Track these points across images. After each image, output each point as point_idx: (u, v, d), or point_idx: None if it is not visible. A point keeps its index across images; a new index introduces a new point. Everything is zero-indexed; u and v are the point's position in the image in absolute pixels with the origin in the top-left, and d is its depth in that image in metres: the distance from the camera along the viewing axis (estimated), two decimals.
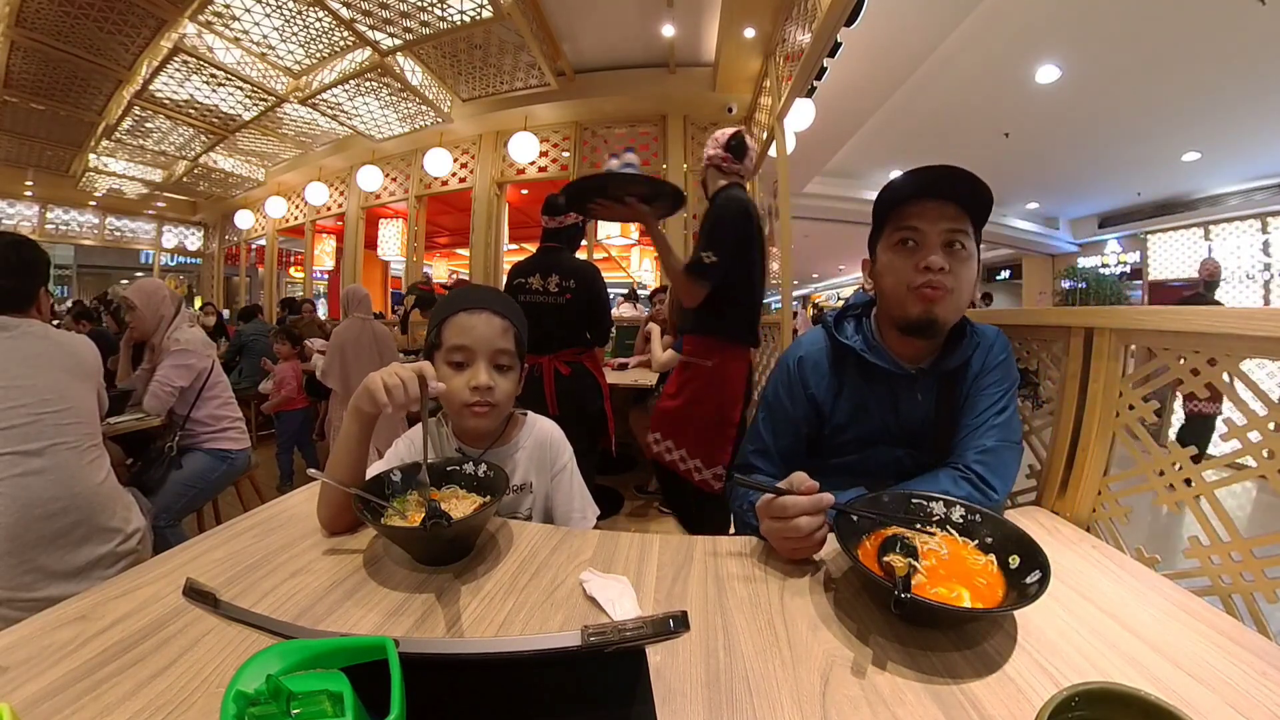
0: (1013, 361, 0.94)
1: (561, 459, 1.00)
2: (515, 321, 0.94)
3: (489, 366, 0.89)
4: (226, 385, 2.18)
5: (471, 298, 0.93)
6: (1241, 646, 0.53)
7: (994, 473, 0.84)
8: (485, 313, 0.90)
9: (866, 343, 0.93)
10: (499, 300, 0.94)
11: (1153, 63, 4.33)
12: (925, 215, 0.84)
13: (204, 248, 8.99)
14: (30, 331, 1.29)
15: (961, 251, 0.84)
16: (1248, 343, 0.71)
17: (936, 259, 0.82)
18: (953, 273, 0.83)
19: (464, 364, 0.89)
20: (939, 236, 0.83)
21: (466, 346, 0.88)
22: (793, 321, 3.50)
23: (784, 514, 0.67)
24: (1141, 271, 8.41)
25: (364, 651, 0.39)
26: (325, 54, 3.96)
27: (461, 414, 0.89)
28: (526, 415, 1.03)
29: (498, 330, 0.90)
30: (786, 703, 0.45)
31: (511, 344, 0.92)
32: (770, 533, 0.70)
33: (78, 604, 0.58)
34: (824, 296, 17.61)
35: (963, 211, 0.84)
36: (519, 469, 0.96)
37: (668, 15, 3.71)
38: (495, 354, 0.89)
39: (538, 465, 0.98)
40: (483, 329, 0.89)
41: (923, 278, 0.83)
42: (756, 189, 4.35)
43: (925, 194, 0.84)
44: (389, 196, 5.80)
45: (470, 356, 0.89)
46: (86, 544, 1.25)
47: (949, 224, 0.83)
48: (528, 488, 0.96)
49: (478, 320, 0.89)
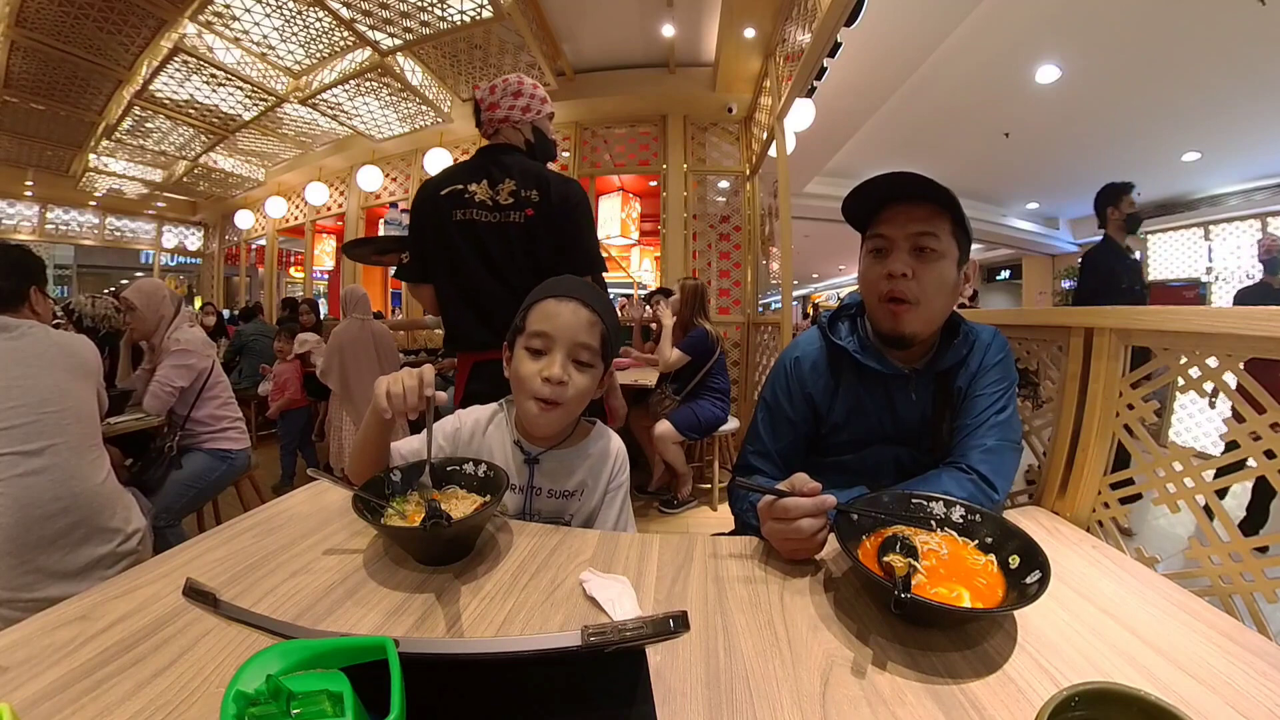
0: (1011, 361, 0.94)
1: (622, 476, 0.96)
2: (606, 319, 0.88)
3: (566, 358, 0.84)
4: (226, 385, 2.18)
5: (563, 286, 0.88)
6: (1241, 646, 0.53)
7: (997, 472, 0.84)
8: (573, 302, 0.85)
9: (860, 344, 0.93)
10: (591, 294, 0.88)
11: (1153, 63, 4.33)
12: (893, 220, 0.85)
13: (204, 248, 8.98)
14: (30, 332, 1.29)
15: (931, 254, 0.83)
16: (1248, 343, 0.71)
17: (898, 265, 0.83)
18: (918, 278, 0.83)
19: (542, 352, 0.84)
20: (907, 241, 0.83)
21: (546, 334, 0.84)
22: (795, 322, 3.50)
23: (786, 516, 0.66)
24: (1141, 271, 8.40)
25: (364, 651, 0.39)
26: (325, 54, 3.96)
27: (527, 406, 0.85)
28: (596, 424, 0.99)
29: (584, 322, 0.85)
30: (786, 703, 0.45)
31: (596, 340, 0.86)
32: (772, 534, 0.70)
33: (78, 604, 0.58)
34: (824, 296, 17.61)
35: (938, 210, 0.83)
36: (576, 475, 0.92)
37: (668, 15, 3.71)
38: (575, 347, 0.84)
39: (595, 475, 0.94)
40: (567, 317, 0.84)
41: (887, 285, 0.85)
42: (756, 189, 4.36)
43: (894, 198, 0.85)
44: (389, 196, 5.80)
45: (548, 345, 0.84)
46: (86, 544, 1.25)
47: (917, 227, 0.83)
48: (579, 494, 0.92)
49: (564, 309, 0.85)
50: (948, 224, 0.84)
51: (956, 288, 0.87)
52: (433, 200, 1.46)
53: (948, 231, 0.84)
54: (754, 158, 4.15)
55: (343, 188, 6.19)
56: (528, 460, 0.90)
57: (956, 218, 0.84)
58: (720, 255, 4.62)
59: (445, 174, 1.51)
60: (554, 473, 0.91)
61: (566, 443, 0.93)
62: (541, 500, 0.91)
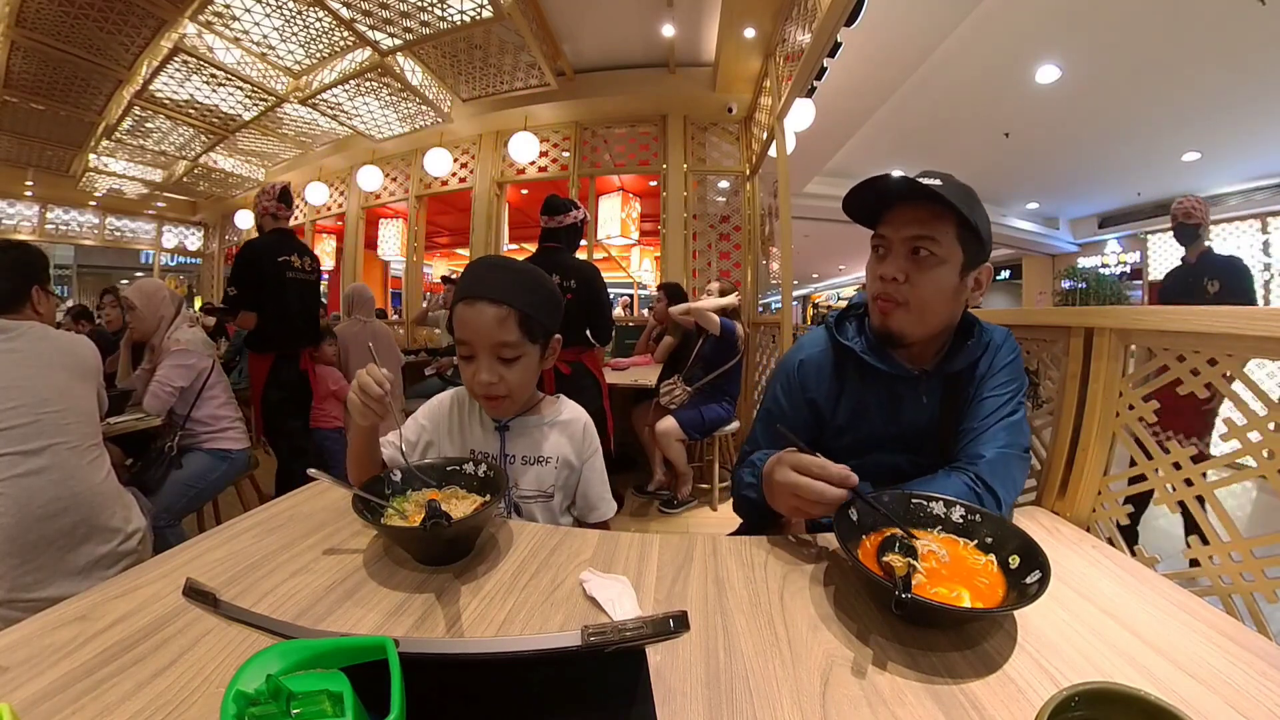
0: (1021, 363, 0.92)
1: (593, 443, 1.01)
2: (519, 304, 0.87)
3: (491, 360, 0.86)
4: (226, 385, 2.18)
5: (469, 285, 0.88)
6: (1241, 646, 0.53)
7: (1004, 484, 0.80)
8: (480, 303, 0.86)
9: (868, 343, 0.91)
10: (498, 283, 0.88)
11: (1153, 63, 4.33)
12: (893, 220, 0.84)
13: (204, 248, 8.98)
14: (30, 332, 1.29)
15: (929, 258, 0.80)
16: (1248, 343, 0.71)
17: (890, 268, 0.83)
18: (911, 282, 0.82)
19: (471, 356, 0.88)
20: (904, 244, 0.82)
21: (466, 341, 0.87)
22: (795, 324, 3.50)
23: (810, 471, 0.67)
24: (1141, 271, 8.40)
25: (364, 651, 0.39)
26: (325, 54, 3.96)
27: (480, 403, 0.93)
28: (559, 397, 1.05)
29: (492, 321, 0.85)
30: (786, 703, 0.45)
31: (513, 333, 0.86)
32: (784, 484, 0.70)
33: (78, 604, 0.58)
34: (824, 296, 17.60)
35: (941, 212, 0.79)
36: (548, 442, 0.96)
37: (668, 15, 3.70)
38: (495, 347, 0.86)
39: (572, 446, 0.98)
40: (479, 322, 0.85)
41: (879, 286, 0.85)
42: (757, 189, 4.35)
43: (898, 198, 0.83)
44: (389, 196, 5.80)
45: (472, 350, 0.87)
46: (87, 544, 1.25)
47: (915, 230, 0.81)
48: (556, 463, 0.96)
49: (473, 313, 0.86)
50: (952, 228, 0.79)
51: (959, 293, 0.84)
52: None
53: (951, 236, 0.80)
54: (754, 158, 4.15)
55: (343, 188, 6.19)
56: (499, 428, 0.96)
57: (962, 221, 0.79)
58: (720, 255, 4.61)
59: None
60: (525, 439, 0.96)
61: (531, 412, 0.99)
62: (517, 469, 0.94)
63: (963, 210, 0.76)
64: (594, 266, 2.48)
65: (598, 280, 2.27)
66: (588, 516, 1.02)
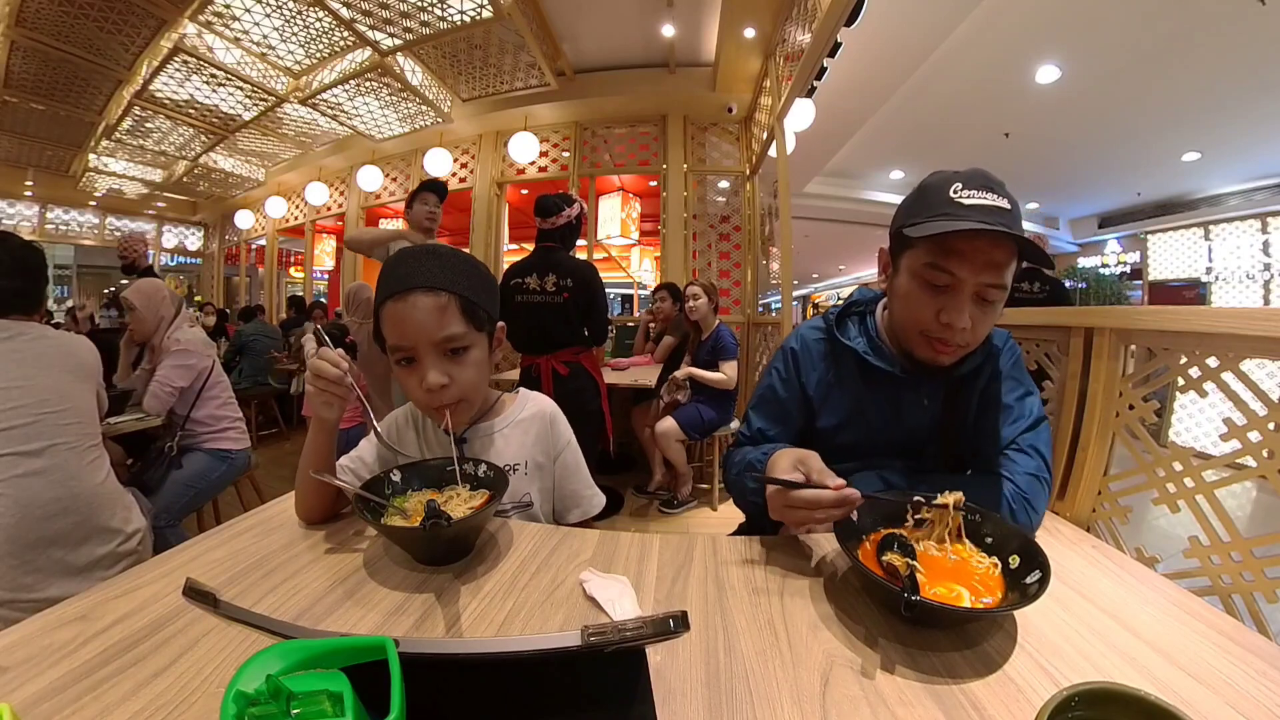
0: (1023, 365, 0.90)
1: (564, 434, 0.93)
2: (460, 288, 0.75)
3: (437, 358, 0.74)
4: (227, 385, 2.18)
5: (397, 279, 0.74)
6: (1241, 646, 0.53)
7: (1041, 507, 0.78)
8: (414, 294, 0.72)
9: (870, 343, 0.89)
10: (430, 270, 0.74)
11: (1153, 63, 4.33)
12: (970, 259, 0.72)
13: (204, 248, 8.98)
14: (29, 332, 1.29)
15: (993, 303, 0.75)
16: (1248, 343, 0.71)
17: (960, 317, 0.73)
18: (973, 328, 0.75)
19: (412, 360, 0.75)
20: (974, 289, 0.73)
21: (403, 345, 0.75)
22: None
23: (804, 505, 0.64)
24: (1141, 271, 8.40)
25: (364, 651, 0.39)
26: (325, 54, 3.96)
27: (431, 416, 0.80)
28: (519, 392, 0.96)
29: (432, 312, 0.73)
30: (786, 703, 0.45)
31: (458, 322, 0.75)
32: (782, 514, 0.67)
33: (78, 604, 0.58)
34: (824, 296, 17.61)
35: (1014, 247, 0.73)
36: (511, 446, 0.87)
37: (668, 15, 3.70)
38: (440, 343, 0.74)
39: (539, 444, 0.90)
40: (416, 317, 0.73)
41: (940, 332, 0.76)
42: (756, 189, 4.35)
43: (983, 230, 0.70)
44: (389, 196, 5.80)
45: (412, 352, 0.75)
46: (87, 544, 1.25)
47: (993, 277, 0.72)
48: (525, 468, 0.88)
49: (405, 308, 0.73)
50: (1015, 262, 0.74)
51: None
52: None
53: (1012, 269, 0.75)
54: (754, 158, 4.15)
55: (343, 188, 6.19)
56: (456, 441, 0.83)
57: (1020, 252, 0.74)
58: (720, 255, 4.61)
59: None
60: (486, 448, 0.87)
61: (489, 416, 0.88)
62: None
63: (1026, 249, 0.72)
64: (591, 266, 2.46)
65: (595, 280, 2.25)
66: (567, 515, 0.93)
